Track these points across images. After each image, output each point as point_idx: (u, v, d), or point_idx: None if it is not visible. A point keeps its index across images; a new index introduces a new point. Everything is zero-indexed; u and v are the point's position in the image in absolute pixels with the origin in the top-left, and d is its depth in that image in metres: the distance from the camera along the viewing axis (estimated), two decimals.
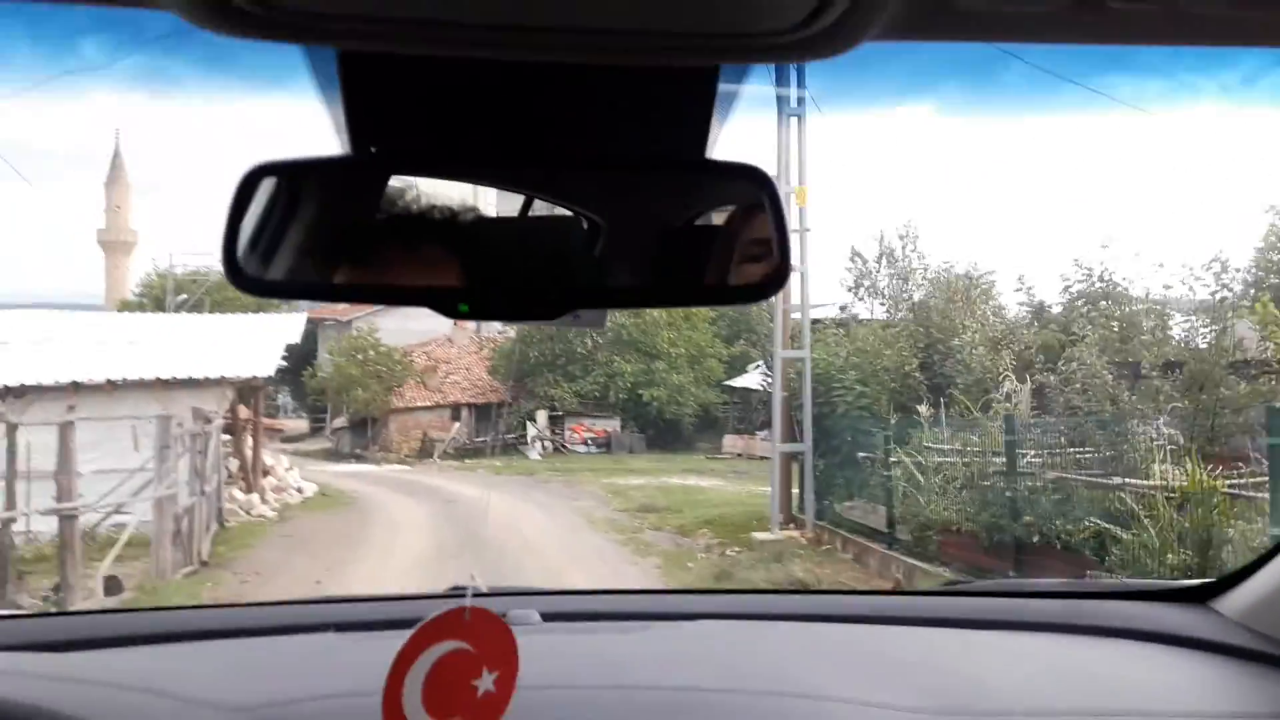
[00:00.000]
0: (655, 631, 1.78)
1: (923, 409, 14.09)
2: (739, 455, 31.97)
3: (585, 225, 1.00)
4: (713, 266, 0.99)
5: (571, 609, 1.89)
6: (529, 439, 35.61)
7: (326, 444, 42.87)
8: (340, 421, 42.28)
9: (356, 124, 0.83)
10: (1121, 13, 0.66)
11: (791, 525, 15.12)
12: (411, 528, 17.17)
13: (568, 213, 1.01)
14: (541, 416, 36.24)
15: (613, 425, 36.46)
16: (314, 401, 44.95)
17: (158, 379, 16.42)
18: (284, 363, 21.16)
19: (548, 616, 1.70)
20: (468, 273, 0.94)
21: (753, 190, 0.94)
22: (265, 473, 21.80)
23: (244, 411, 21.21)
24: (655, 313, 36.83)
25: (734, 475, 26.17)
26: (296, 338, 22.13)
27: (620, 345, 37.08)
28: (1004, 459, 11.50)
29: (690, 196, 1.00)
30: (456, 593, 1.86)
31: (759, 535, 14.63)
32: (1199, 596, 1.82)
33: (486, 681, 1.11)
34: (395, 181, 0.93)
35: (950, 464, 12.68)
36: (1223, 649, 1.65)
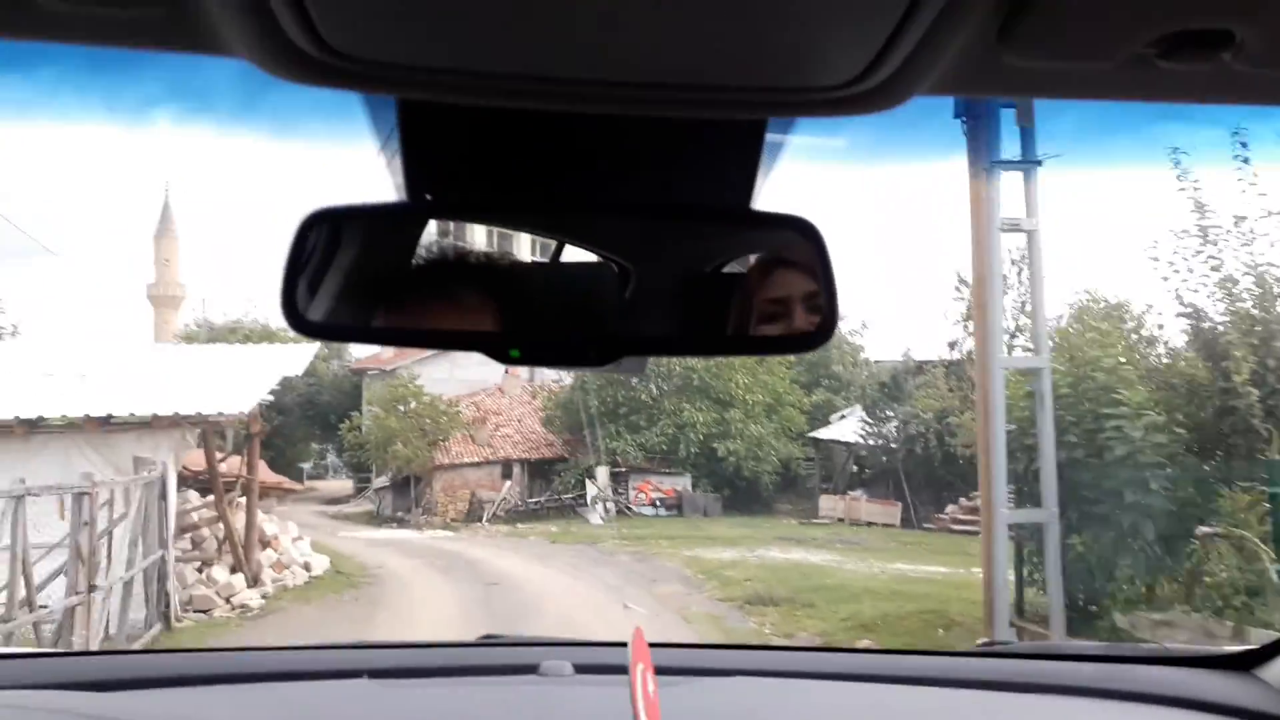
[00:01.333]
0: (689, 687, 1.74)
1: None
2: (840, 520, 26.49)
3: (632, 273, 0.97)
4: (759, 320, 0.96)
5: (603, 661, 1.84)
6: (589, 500, 30.50)
7: (369, 506, 38.22)
8: (382, 481, 37.58)
9: (412, 171, 0.83)
10: (1171, 73, 0.65)
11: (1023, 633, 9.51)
12: (429, 624, 12.26)
13: (611, 260, 0.97)
14: (602, 474, 31.13)
15: (682, 483, 31.22)
16: (354, 459, 40.16)
17: (88, 417, 11.60)
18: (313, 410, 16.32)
19: (580, 669, 1.68)
20: (517, 319, 0.93)
21: (800, 240, 0.89)
22: (265, 544, 16.87)
23: (231, 464, 16.44)
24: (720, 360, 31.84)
25: (846, 546, 20.75)
26: (297, 370, 17.41)
27: (689, 392, 31.98)
28: None
29: (736, 246, 0.98)
30: (489, 640, 2.02)
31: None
32: (1242, 664, 1.79)
33: (651, 684, 1.23)
34: (444, 227, 0.93)
35: None
36: (1266, 718, 1.63)
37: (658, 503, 30.04)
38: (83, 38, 0.64)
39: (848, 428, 32.43)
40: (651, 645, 1.37)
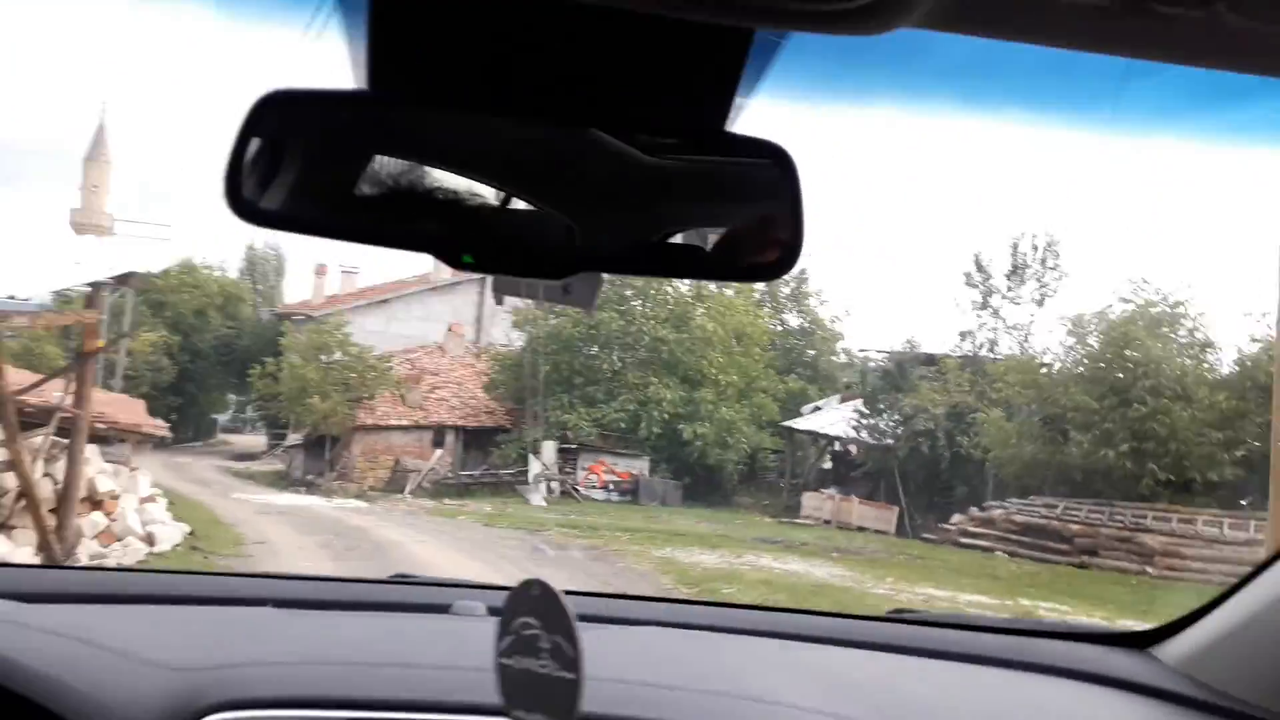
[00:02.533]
0: (612, 632, 1.71)
1: None
2: (826, 522, 22.26)
3: (595, 184, 0.92)
4: (723, 241, 0.96)
5: None
6: (530, 477, 25.93)
7: (280, 465, 33.21)
8: (294, 439, 32.60)
9: (378, 59, 0.79)
10: (1169, 19, 0.62)
11: None
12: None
13: (576, 170, 0.93)
14: (548, 449, 26.58)
15: (639, 467, 26.83)
16: (269, 412, 35.01)
17: None
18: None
19: (494, 610, 1.56)
20: (472, 224, 0.91)
21: (771, 168, 0.88)
22: (95, 504, 12.06)
23: (51, 392, 11.65)
24: (702, 331, 27.52)
25: (846, 557, 16.49)
26: (149, 266, 12.57)
27: (657, 367, 27.55)
28: None
29: (706, 169, 0.93)
30: (400, 579, 1.93)
31: None
32: (1143, 642, 1.81)
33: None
34: (407, 123, 0.89)
35: None
36: (1163, 695, 1.65)
37: (610, 486, 25.59)
38: None
39: (824, 419, 28.32)
40: (573, 593, 1.32)
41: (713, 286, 29.22)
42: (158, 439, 16.26)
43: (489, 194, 0.92)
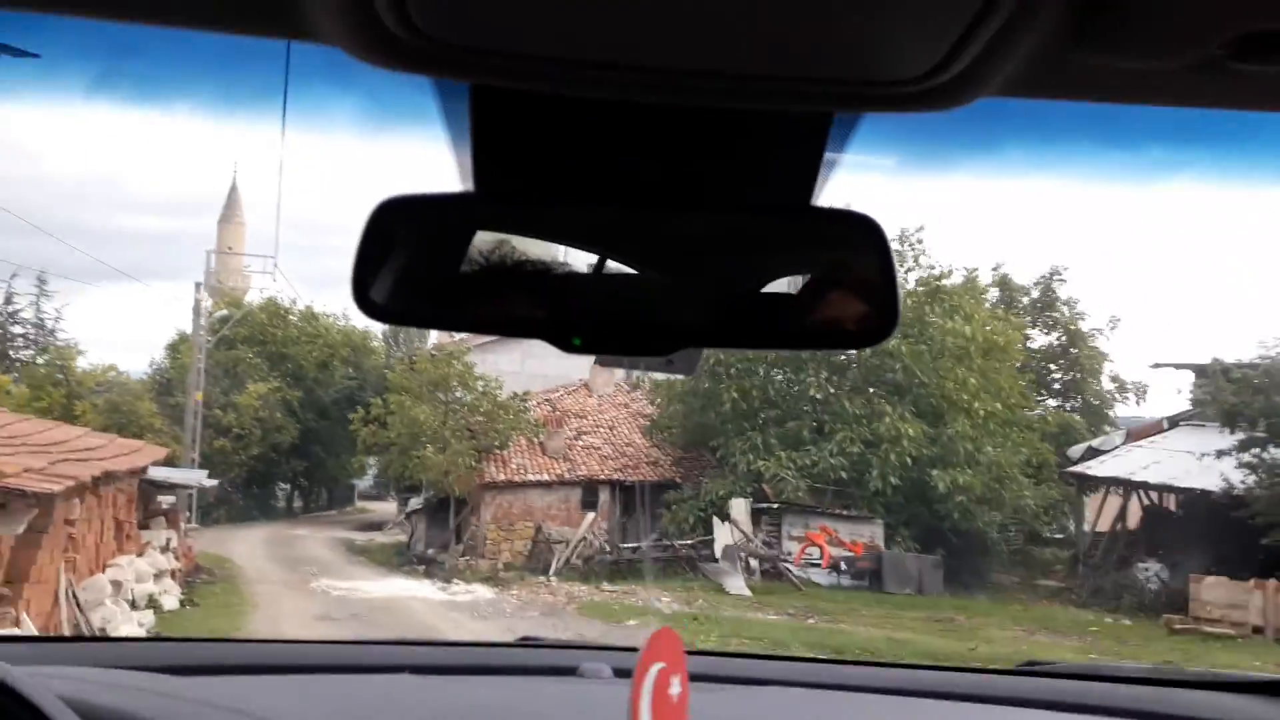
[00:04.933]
0: (729, 694, 1.66)
1: None
2: (1256, 630, 13.02)
3: (687, 264, 0.95)
4: (815, 310, 0.96)
5: None
6: (719, 551, 17.82)
7: (403, 536, 26.29)
8: (416, 503, 25.58)
9: (481, 161, 0.83)
10: (1245, 75, 0.62)
11: None
12: None
13: (670, 254, 0.95)
14: (740, 510, 18.48)
15: (869, 533, 18.31)
16: (394, 472, 28.01)
17: None
18: None
19: (619, 672, 1.62)
20: (577, 309, 0.94)
21: (861, 238, 0.88)
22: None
23: None
24: (952, 339, 19.04)
25: None
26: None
27: (883, 391, 19.18)
28: None
29: (796, 243, 0.95)
30: (526, 642, 1.94)
31: None
32: None
33: (675, 686, 1.19)
34: (511, 220, 0.92)
35: None
36: None
37: (842, 565, 17.07)
38: (180, 21, 0.64)
39: (1130, 462, 19.14)
40: (689, 653, 1.31)
41: (948, 283, 20.69)
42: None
43: (588, 275, 0.94)
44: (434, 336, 29.07)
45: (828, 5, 0.57)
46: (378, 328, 40.52)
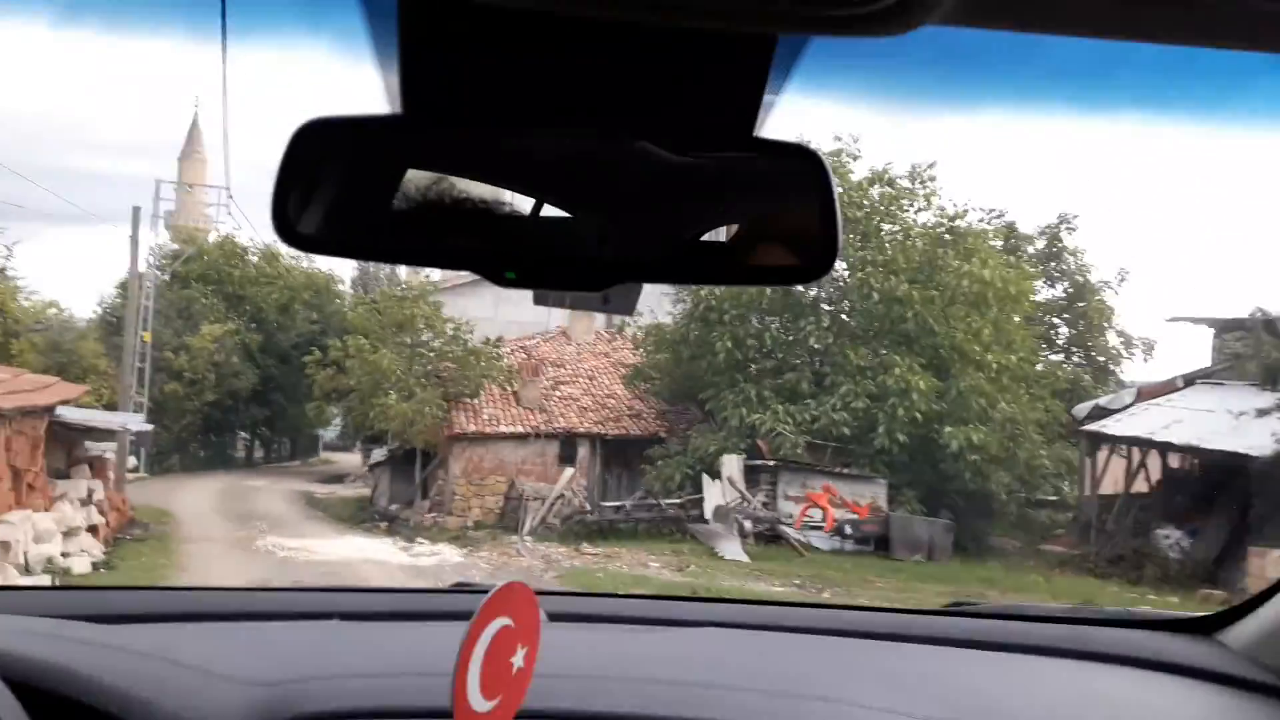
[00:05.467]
0: (666, 634, 1.69)
1: None
2: None
3: (627, 190, 0.91)
4: (756, 246, 0.94)
5: (577, 610, 1.79)
6: (709, 511, 16.19)
7: (366, 489, 24.46)
8: (379, 454, 23.70)
9: (410, 83, 0.79)
10: (1205, 8, 0.62)
11: None
12: None
13: (608, 186, 0.92)
14: (732, 467, 16.81)
15: (871, 493, 16.75)
16: (357, 419, 25.95)
17: None
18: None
19: (554, 617, 1.50)
20: (511, 239, 0.90)
21: (803, 170, 0.86)
22: None
23: None
24: (970, 283, 17.40)
25: None
26: None
27: (890, 340, 17.52)
28: None
29: (737, 175, 0.92)
30: (461, 588, 1.86)
31: None
32: (1206, 628, 1.72)
33: (519, 658, 1.10)
34: (441, 144, 0.88)
35: None
36: (1228, 680, 1.57)
37: (847, 529, 15.47)
38: None
39: (1150, 421, 17.69)
40: (622, 596, 1.32)
41: (963, 223, 18.98)
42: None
43: (524, 207, 0.90)
44: (403, 274, 27.10)
45: None
46: (345, 270, 38.40)
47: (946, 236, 18.00)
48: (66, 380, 25.04)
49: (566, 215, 0.92)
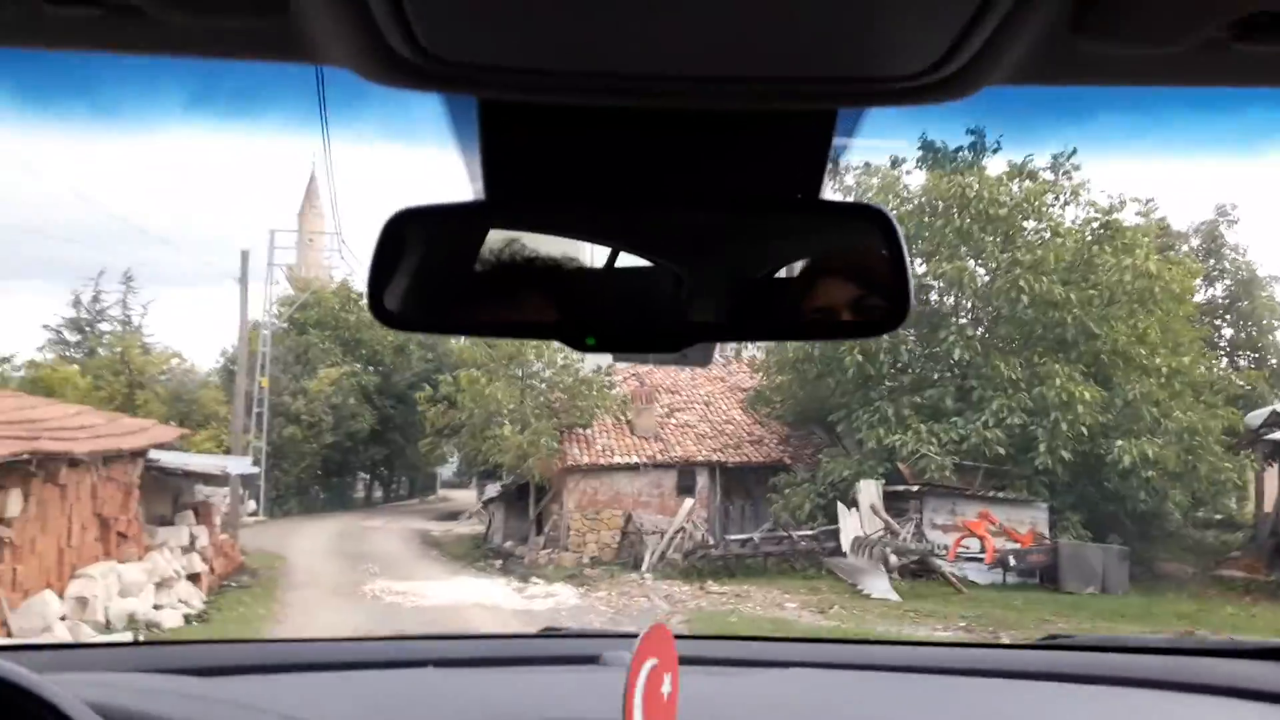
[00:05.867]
0: (754, 677, 1.66)
1: None
2: None
3: (698, 263, 0.95)
4: (827, 302, 0.95)
5: (702, 654, 1.76)
6: (847, 543, 14.55)
7: (481, 526, 23.72)
8: (493, 490, 22.87)
9: (491, 170, 0.83)
10: (1246, 55, 0.63)
11: None
12: None
13: (680, 251, 0.96)
14: (869, 493, 15.12)
15: (1031, 519, 14.77)
16: (469, 454, 25.23)
17: None
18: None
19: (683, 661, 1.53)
20: (590, 309, 0.94)
21: (870, 229, 0.87)
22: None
23: None
24: (1135, 279, 15.37)
25: None
26: None
27: (1044, 348, 15.60)
28: None
29: (805, 236, 0.96)
30: (549, 633, 1.94)
31: None
32: None
33: (666, 685, 1.19)
34: (522, 226, 0.92)
35: None
36: None
37: (1011, 560, 13.57)
38: (195, 50, 0.66)
39: None
40: (710, 638, 1.38)
41: (1118, 215, 16.89)
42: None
43: (602, 276, 0.93)
44: None
45: (828, 5, 0.56)
46: None
47: (1101, 231, 15.98)
48: (184, 427, 25.38)
49: (640, 279, 0.95)
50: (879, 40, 0.60)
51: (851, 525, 14.93)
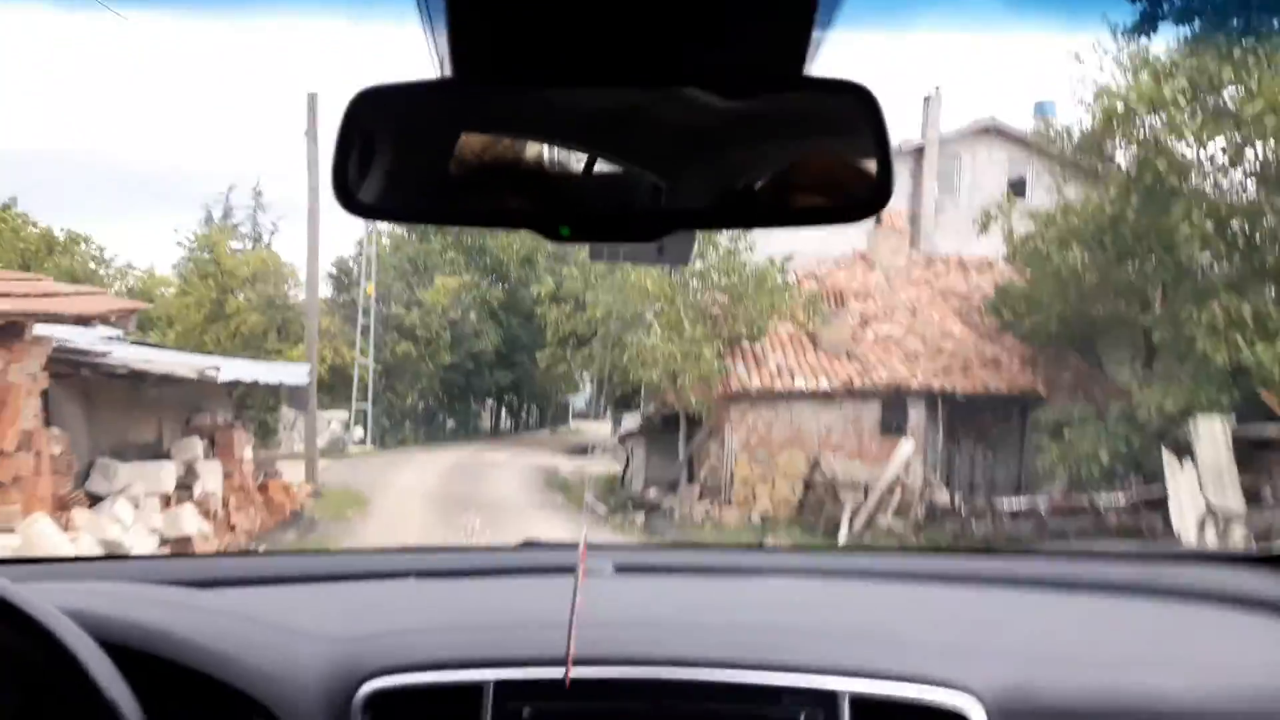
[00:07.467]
0: (731, 582, 1.70)
1: None
2: None
3: (677, 138, 0.91)
4: (809, 186, 0.92)
5: (643, 561, 1.81)
6: (1177, 515, 8.93)
7: (616, 466, 19.17)
8: (632, 422, 18.10)
9: (459, 48, 0.80)
10: None
11: None
12: None
13: (658, 136, 0.92)
14: (1213, 438, 9.34)
15: None
16: (601, 377, 20.49)
17: None
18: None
19: (620, 568, 1.62)
20: (563, 195, 0.91)
21: (855, 108, 0.85)
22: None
23: None
24: None
25: None
26: None
27: None
28: None
29: (787, 117, 0.91)
30: (528, 545, 1.96)
31: None
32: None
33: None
34: (492, 105, 0.89)
35: None
36: None
37: None
38: None
39: None
40: (687, 546, 1.42)
41: None
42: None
43: (575, 163, 0.90)
44: None
45: None
46: None
47: None
48: (285, 342, 21.60)
49: (618, 168, 0.91)
50: None
51: (1187, 487, 9.37)
